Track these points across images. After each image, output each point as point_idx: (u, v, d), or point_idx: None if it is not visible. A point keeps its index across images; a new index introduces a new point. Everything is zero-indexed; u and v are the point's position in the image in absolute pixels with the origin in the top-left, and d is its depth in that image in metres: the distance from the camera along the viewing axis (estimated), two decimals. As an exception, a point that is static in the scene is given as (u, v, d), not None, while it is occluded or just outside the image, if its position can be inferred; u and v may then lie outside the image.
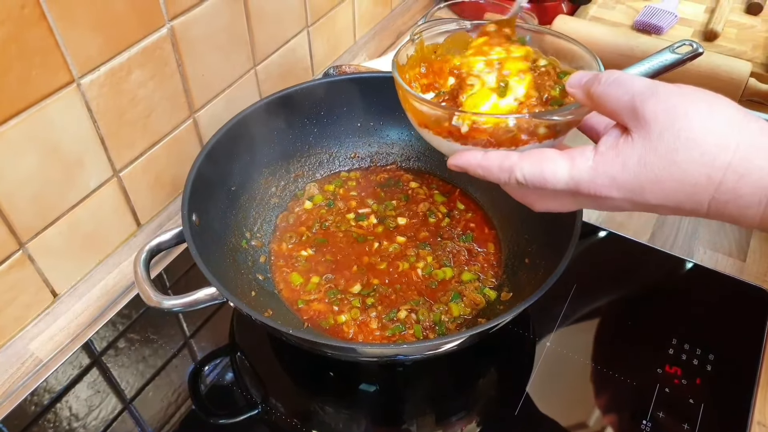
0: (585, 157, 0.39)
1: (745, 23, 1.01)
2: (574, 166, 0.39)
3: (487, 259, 0.67)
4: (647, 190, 0.38)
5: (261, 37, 0.76)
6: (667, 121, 0.36)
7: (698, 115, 0.36)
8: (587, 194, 0.40)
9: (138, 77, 0.62)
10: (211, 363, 0.62)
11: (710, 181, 0.36)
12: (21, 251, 0.58)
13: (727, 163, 0.35)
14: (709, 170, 0.36)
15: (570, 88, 0.42)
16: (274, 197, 0.72)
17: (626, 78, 0.39)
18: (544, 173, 0.40)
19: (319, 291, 0.64)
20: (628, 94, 0.38)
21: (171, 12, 0.62)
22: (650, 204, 0.38)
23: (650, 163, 0.37)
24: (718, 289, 0.67)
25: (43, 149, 0.56)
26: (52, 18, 0.51)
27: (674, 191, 0.37)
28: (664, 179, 0.37)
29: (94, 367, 0.60)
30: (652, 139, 0.37)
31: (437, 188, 0.75)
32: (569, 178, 0.39)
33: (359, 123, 0.76)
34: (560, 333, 0.62)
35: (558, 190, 0.41)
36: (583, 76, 0.41)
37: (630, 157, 0.38)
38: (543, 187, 0.41)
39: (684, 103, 0.37)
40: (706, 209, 0.37)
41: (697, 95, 0.37)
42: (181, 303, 0.52)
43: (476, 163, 0.43)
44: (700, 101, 0.37)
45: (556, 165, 0.40)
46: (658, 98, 0.37)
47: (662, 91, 0.37)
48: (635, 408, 0.56)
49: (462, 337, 0.51)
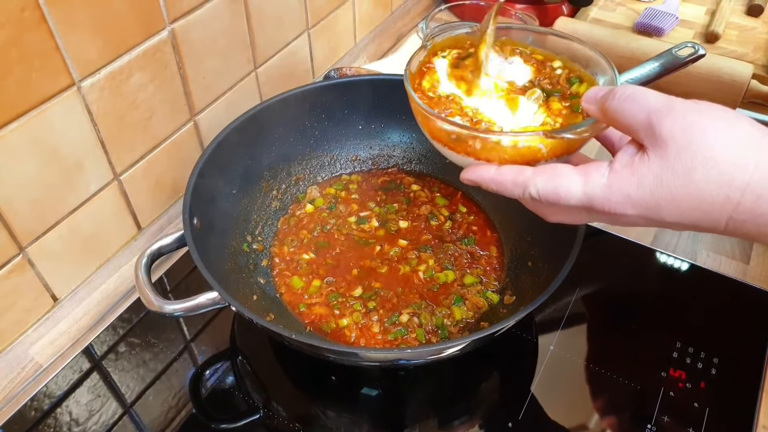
0: (600, 173, 0.39)
1: (746, 25, 1.01)
2: (588, 183, 0.39)
3: (490, 263, 0.67)
4: (663, 208, 0.37)
5: (261, 39, 0.76)
6: (685, 140, 0.36)
7: (716, 134, 0.36)
8: (601, 211, 0.39)
9: (138, 80, 0.61)
10: (212, 367, 0.61)
11: (728, 201, 0.35)
12: (21, 255, 0.58)
13: (746, 183, 0.35)
14: (727, 190, 0.35)
15: (586, 104, 0.42)
16: (275, 200, 0.72)
17: (641, 93, 0.38)
18: (558, 189, 0.40)
19: (321, 294, 0.64)
20: (643, 112, 0.37)
21: (172, 15, 0.62)
22: (666, 221, 0.38)
23: (667, 182, 0.36)
24: (721, 292, 0.66)
25: (43, 153, 0.56)
26: (52, 21, 0.51)
27: (691, 210, 0.37)
28: (681, 198, 0.36)
29: (94, 372, 0.60)
30: (669, 158, 0.36)
31: (439, 191, 0.75)
32: (583, 194, 0.39)
33: (360, 125, 0.76)
34: (563, 336, 0.62)
35: (571, 206, 0.40)
36: (599, 91, 0.41)
37: (646, 175, 0.37)
38: (557, 203, 0.41)
39: (701, 120, 0.36)
40: (723, 227, 0.37)
41: (715, 112, 0.37)
42: (182, 308, 0.51)
43: (489, 178, 0.43)
44: (718, 118, 0.36)
45: (570, 181, 0.40)
46: (675, 116, 0.36)
47: (679, 108, 0.37)
48: (640, 412, 0.56)
49: (465, 341, 0.51)
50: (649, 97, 0.38)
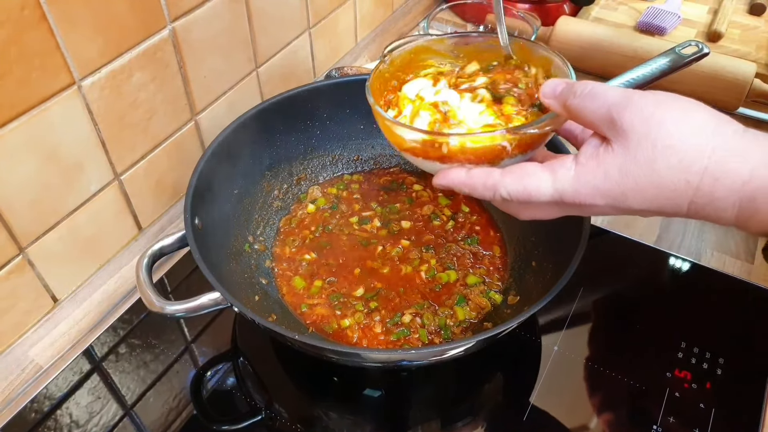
0: (566, 168, 0.40)
1: (748, 24, 1.01)
2: (556, 179, 0.40)
3: (493, 263, 0.66)
4: (630, 197, 0.39)
5: (263, 38, 0.76)
6: (644, 130, 0.37)
7: (673, 123, 0.37)
8: (572, 203, 0.41)
9: (139, 79, 0.61)
10: (213, 368, 0.61)
11: (688, 186, 0.37)
12: (21, 256, 0.57)
13: (704, 168, 0.36)
14: (686, 175, 0.37)
15: (545, 98, 0.43)
16: (276, 200, 0.71)
17: (601, 89, 0.40)
18: (528, 188, 0.41)
19: (322, 295, 0.63)
20: (604, 107, 0.39)
21: (173, 13, 0.61)
22: (633, 209, 0.40)
23: (631, 172, 0.38)
24: (726, 292, 0.66)
25: (43, 153, 0.55)
26: (52, 19, 0.50)
27: (655, 197, 0.38)
28: (645, 186, 0.38)
29: (94, 373, 0.60)
30: (631, 148, 0.38)
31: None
32: (553, 190, 0.40)
33: (362, 125, 0.75)
34: (567, 336, 0.62)
35: (543, 202, 0.42)
36: (556, 86, 0.42)
37: (611, 166, 0.39)
38: (528, 201, 0.42)
39: (659, 111, 0.38)
40: (685, 211, 0.38)
41: (672, 103, 0.38)
42: (184, 308, 0.51)
43: (460, 182, 0.44)
44: (675, 109, 0.38)
45: (539, 179, 0.41)
46: (634, 108, 0.38)
47: (637, 101, 0.38)
48: (645, 413, 0.55)
49: (469, 342, 0.51)
50: (608, 92, 0.39)
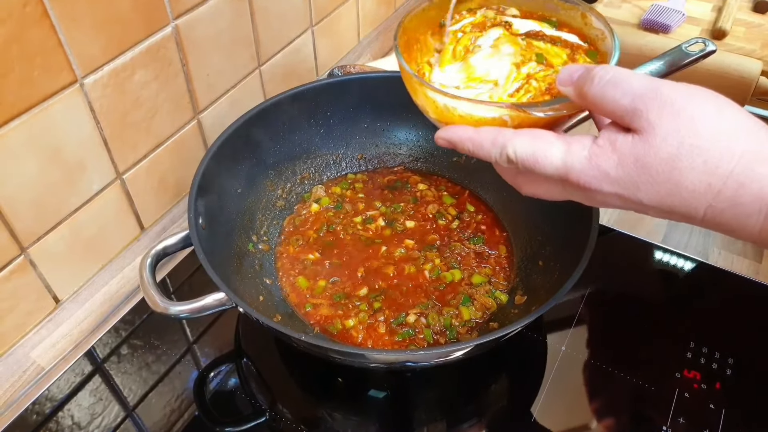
0: (582, 145, 0.37)
1: (753, 21, 1.00)
2: (569, 152, 0.37)
3: (499, 262, 0.66)
4: (642, 190, 0.36)
5: (265, 36, 0.75)
6: (672, 126, 0.34)
7: (704, 121, 0.34)
8: (576, 184, 0.37)
9: (142, 77, 0.60)
10: (216, 369, 0.61)
11: (709, 189, 0.34)
12: (22, 256, 0.57)
13: (729, 171, 0.34)
14: (709, 178, 0.34)
15: (560, 86, 0.39)
16: (280, 200, 0.71)
17: (624, 76, 0.36)
18: (537, 153, 0.38)
19: (326, 295, 0.63)
20: (627, 96, 0.35)
21: (176, 10, 0.61)
22: (641, 203, 0.37)
23: (649, 165, 0.35)
24: (734, 291, 0.66)
25: (45, 152, 0.54)
26: (54, 16, 0.50)
27: (669, 195, 0.35)
28: (661, 182, 0.35)
29: (96, 375, 0.59)
30: (655, 143, 0.35)
31: (446, 190, 0.74)
32: (562, 163, 0.37)
33: (366, 124, 0.75)
34: (574, 337, 0.61)
35: (548, 175, 0.38)
36: (574, 72, 0.38)
37: (627, 155, 0.36)
38: (533, 169, 0.38)
39: (690, 106, 0.35)
40: (701, 216, 0.36)
41: (705, 97, 0.35)
42: (188, 309, 0.50)
43: (467, 137, 0.40)
44: (708, 104, 0.35)
45: (552, 146, 0.38)
46: (663, 101, 0.35)
47: (666, 93, 0.35)
48: (655, 413, 0.55)
49: (476, 343, 0.50)
50: (632, 79, 0.36)
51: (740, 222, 0.35)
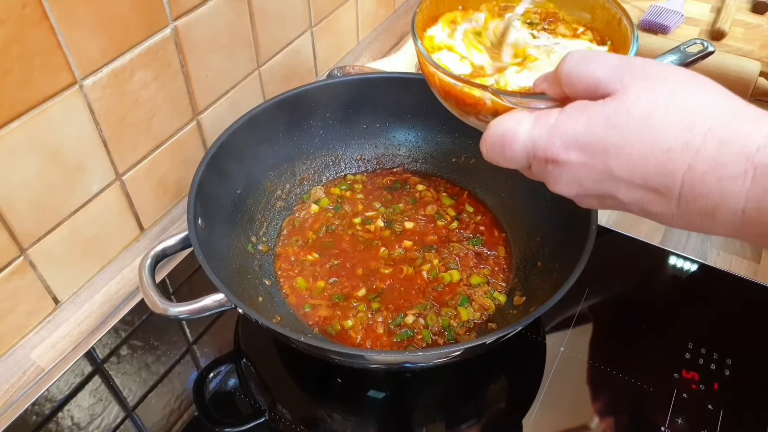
0: (549, 116, 0.35)
1: (751, 22, 1.00)
2: (535, 125, 0.35)
3: (498, 263, 0.66)
4: (611, 155, 0.33)
5: (265, 37, 0.75)
6: (646, 85, 0.32)
7: (679, 81, 0.33)
8: (543, 157, 0.35)
9: (141, 78, 0.60)
10: (215, 370, 0.61)
11: (686, 147, 0.31)
12: (22, 258, 0.57)
13: (708, 128, 0.31)
14: (686, 135, 0.31)
15: (536, 87, 0.38)
16: (279, 200, 0.71)
17: (596, 54, 0.35)
18: (505, 128, 0.36)
19: (325, 296, 0.63)
20: (600, 69, 0.34)
21: (175, 12, 0.61)
22: (612, 175, 0.33)
23: (619, 125, 0.32)
24: (732, 292, 0.66)
25: (44, 153, 0.55)
26: (54, 18, 0.50)
27: (642, 158, 0.32)
28: (633, 143, 0.32)
29: (96, 375, 0.59)
30: (626, 101, 0.32)
31: (445, 190, 0.74)
32: (527, 137, 0.35)
33: (365, 125, 0.75)
34: (573, 337, 0.61)
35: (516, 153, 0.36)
36: (549, 74, 0.38)
37: (596, 116, 0.33)
38: (502, 146, 0.37)
39: (663, 70, 0.33)
40: (679, 186, 0.32)
41: (678, 68, 0.34)
42: (187, 310, 0.50)
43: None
44: (681, 72, 0.33)
45: (519, 122, 0.36)
46: (634, 67, 0.33)
47: (638, 62, 0.34)
48: (653, 414, 0.55)
49: (474, 344, 0.50)
50: (605, 56, 0.35)
51: (723, 187, 0.31)
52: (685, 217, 0.33)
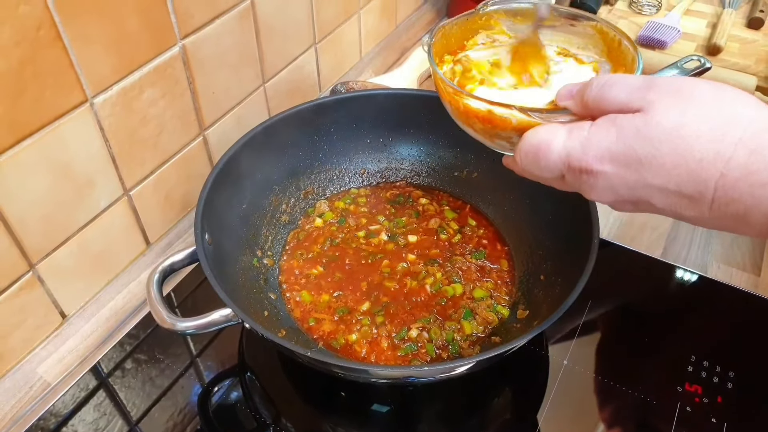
0: (582, 128, 0.37)
1: (747, 38, 1.02)
2: (569, 137, 0.37)
3: (501, 276, 0.66)
4: (645, 165, 0.34)
5: (270, 54, 0.76)
6: (673, 101, 0.34)
7: (707, 94, 0.34)
8: (578, 167, 0.37)
9: (149, 96, 0.61)
10: (219, 383, 0.61)
11: (718, 157, 0.33)
12: (31, 273, 0.57)
13: (738, 138, 0.32)
14: (718, 145, 0.33)
15: (561, 100, 0.40)
16: (284, 215, 0.72)
17: (620, 77, 0.37)
18: (540, 141, 0.38)
19: (329, 309, 0.63)
20: (624, 91, 0.36)
21: (183, 30, 0.62)
22: (647, 183, 0.35)
23: (650, 137, 0.34)
24: (734, 305, 0.66)
25: (55, 169, 0.55)
26: (67, 39, 0.51)
27: (676, 167, 0.33)
28: (666, 153, 0.33)
29: (101, 389, 0.59)
30: (655, 114, 0.34)
31: (448, 204, 0.75)
32: (562, 148, 0.37)
33: (369, 139, 0.76)
34: (576, 350, 0.62)
35: (551, 162, 0.38)
36: (573, 87, 0.40)
37: (627, 128, 0.35)
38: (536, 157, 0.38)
39: (689, 85, 0.35)
40: (712, 192, 0.33)
41: (701, 81, 0.35)
42: (195, 325, 0.51)
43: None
44: (706, 83, 0.35)
45: (554, 135, 0.38)
46: (658, 85, 0.35)
47: (662, 81, 0.35)
48: (657, 428, 0.55)
49: (478, 359, 0.50)
50: (628, 78, 0.37)
51: (755, 194, 0.32)
52: (718, 220, 0.35)
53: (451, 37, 0.53)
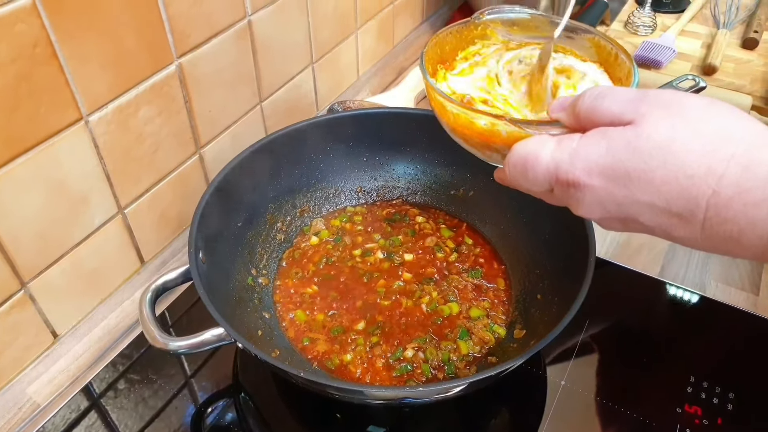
0: (571, 139, 0.36)
1: (741, 58, 1.03)
2: (557, 148, 0.36)
3: (497, 296, 0.66)
4: (633, 179, 0.33)
5: (267, 73, 0.77)
6: (665, 113, 0.33)
7: (699, 108, 0.33)
8: (565, 181, 0.36)
9: (145, 114, 0.62)
10: (213, 404, 0.60)
11: (710, 173, 0.31)
12: (22, 291, 0.57)
13: (731, 154, 0.31)
14: (709, 161, 0.31)
15: (554, 113, 0.39)
16: (279, 233, 0.71)
17: (612, 89, 0.36)
18: (528, 152, 0.37)
19: (324, 329, 0.63)
20: (616, 103, 0.35)
21: (180, 49, 0.62)
22: (635, 199, 0.34)
23: (640, 150, 0.33)
24: (732, 325, 0.66)
25: (49, 187, 0.55)
26: (63, 56, 0.51)
27: (665, 183, 0.32)
28: (655, 168, 0.32)
29: (92, 410, 0.58)
30: (646, 127, 0.33)
31: (444, 223, 0.74)
32: (550, 159, 0.36)
33: (365, 158, 0.76)
34: (574, 371, 0.61)
35: (539, 174, 0.37)
36: (565, 99, 0.39)
37: (617, 140, 0.34)
38: (524, 168, 0.38)
39: (680, 98, 0.34)
40: (704, 211, 0.32)
41: (693, 96, 0.35)
42: (187, 344, 0.50)
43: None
44: (698, 98, 0.34)
45: (542, 146, 0.37)
46: (650, 97, 0.35)
47: (653, 92, 0.35)
48: (656, 450, 0.54)
49: (474, 379, 0.50)
50: (620, 91, 0.36)
51: (748, 214, 0.31)
52: (710, 241, 0.33)
53: (445, 46, 0.53)
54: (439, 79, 0.51)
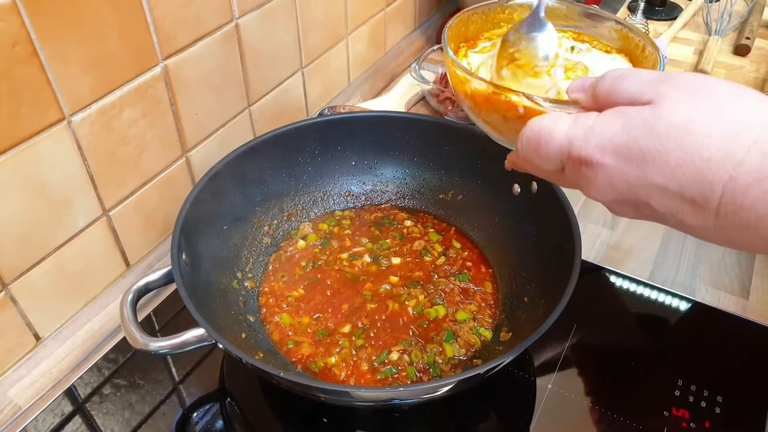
0: (587, 117, 0.35)
1: (733, 64, 1.03)
2: (573, 124, 0.35)
3: (484, 299, 0.65)
4: (647, 160, 0.32)
5: (255, 77, 0.77)
6: (686, 95, 0.32)
7: (724, 91, 0.32)
8: (577, 158, 0.35)
9: (130, 116, 0.61)
10: (199, 409, 0.59)
11: (728, 158, 0.30)
12: (3, 293, 0.56)
13: (752, 140, 0.30)
14: (729, 146, 0.30)
15: (572, 93, 0.38)
16: (266, 236, 0.71)
17: (634, 71, 0.35)
18: (542, 127, 0.36)
19: (309, 332, 0.62)
20: (636, 84, 0.34)
21: (165, 51, 0.62)
22: (648, 181, 0.32)
23: (656, 130, 0.32)
24: (722, 328, 0.65)
25: (30, 188, 0.55)
26: (44, 56, 0.51)
27: (680, 166, 0.31)
28: (671, 150, 0.31)
29: (77, 415, 0.58)
30: (664, 107, 0.32)
31: (432, 226, 0.74)
32: (564, 135, 0.35)
33: (354, 161, 0.76)
34: (561, 374, 0.60)
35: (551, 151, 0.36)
36: (585, 81, 0.38)
37: (634, 119, 0.32)
38: (538, 144, 0.36)
39: (705, 81, 0.33)
40: (719, 196, 0.31)
41: (718, 79, 0.33)
42: (168, 345, 0.50)
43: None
44: (722, 82, 0.33)
45: (558, 121, 0.36)
46: (674, 80, 0.33)
47: (677, 75, 0.34)
48: (643, 454, 0.54)
49: (459, 378, 0.49)
50: (642, 72, 0.35)
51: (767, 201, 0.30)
52: (723, 230, 0.32)
53: (470, 25, 0.52)
54: (460, 56, 0.51)
